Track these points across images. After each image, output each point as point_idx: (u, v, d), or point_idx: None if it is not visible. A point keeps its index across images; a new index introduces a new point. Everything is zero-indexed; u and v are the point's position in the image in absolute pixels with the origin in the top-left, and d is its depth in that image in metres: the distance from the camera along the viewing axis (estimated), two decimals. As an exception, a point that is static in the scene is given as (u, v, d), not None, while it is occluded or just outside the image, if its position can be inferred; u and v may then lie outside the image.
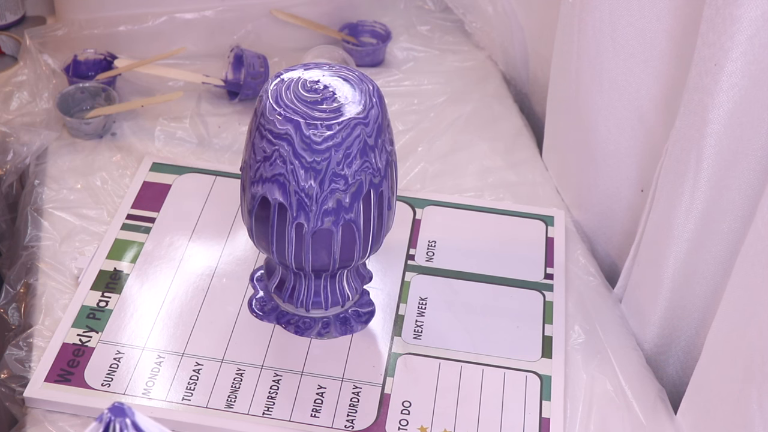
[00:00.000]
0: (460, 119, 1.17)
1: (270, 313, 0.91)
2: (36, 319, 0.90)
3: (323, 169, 0.79)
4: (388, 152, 0.83)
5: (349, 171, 0.80)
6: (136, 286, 0.93)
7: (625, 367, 0.89)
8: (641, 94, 0.90)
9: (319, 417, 0.83)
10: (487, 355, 0.89)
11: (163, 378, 0.85)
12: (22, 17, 1.28)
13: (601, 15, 0.91)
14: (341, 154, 0.79)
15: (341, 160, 0.79)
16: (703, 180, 0.80)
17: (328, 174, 0.79)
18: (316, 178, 0.79)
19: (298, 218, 0.81)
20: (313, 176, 0.79)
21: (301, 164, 0.79)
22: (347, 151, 0.79)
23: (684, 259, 0.85)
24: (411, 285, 0.95)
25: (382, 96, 0.82)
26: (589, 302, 0.95)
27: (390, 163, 0.83)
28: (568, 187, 1.08)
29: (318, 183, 0.79)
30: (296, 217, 0.81)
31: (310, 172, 0.79)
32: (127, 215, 1.00)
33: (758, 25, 0.70)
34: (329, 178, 0.79)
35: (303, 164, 0.79)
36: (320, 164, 0.79)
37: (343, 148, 0.79)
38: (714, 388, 0.79)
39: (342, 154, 0.79)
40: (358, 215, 0.82)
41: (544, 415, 0.84)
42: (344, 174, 0.80)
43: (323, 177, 0.79)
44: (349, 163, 0.79)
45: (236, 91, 1.16)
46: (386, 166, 0.83)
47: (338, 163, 0.79)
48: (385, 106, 0.82)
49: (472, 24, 1.27)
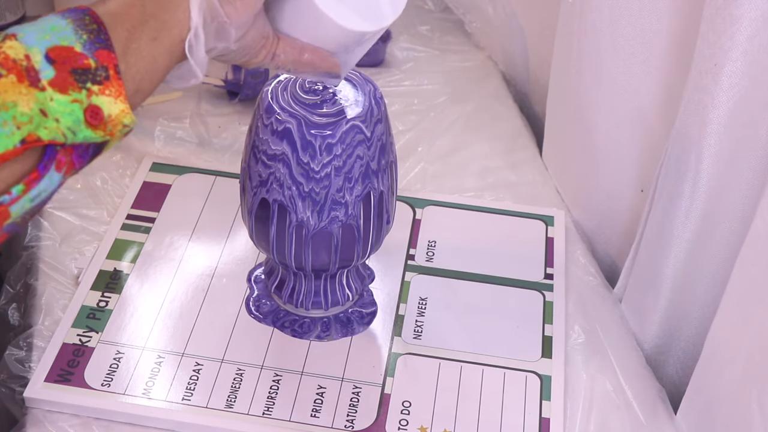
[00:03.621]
0: (460, 119, 1.17)
1: (268, 314, 0.91)
2: (36, 319, 0.90)
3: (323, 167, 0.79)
4: (387, 152, 0.83)
5: (350, 172, 0.80)
6: (136, 286, 0.93)
7: (625, 367, 0.89)
8: (641, 94, 0.90)
9: (319, 417, 0.83)
10: (487, 355, 0.89)
11: (163, 378, 0.85)
12: (22, 17, 1.28)
13: (601, 15, 0.91)
14: (341, 154, 0.79)
15: (341, 161, 0.79)
16: (703, 180, 0.80)
17: (328, 175, 0.79)
18: (317, 180, 0.79)
19: (298, 219, 0.81)
20: (313, 177, 0.79)
21: (301, 163, 0.79)
22: (347, 151, 0.79)
23: (684, 259, 0.85)
24: (411, 285, 0.95)
25: (382, 97, 0.82)
26: (589, 302, 0.95)
27: (390, 164, 0.83)
28: (568, 187, 1.08)
29: (318, 185, 0.79)
30: (296, 217, 0.81)
31: (310, 171, 0.79)
32: (127, 215, 1.00)
33: (758, 25, 0.70)
34: (329, 179, 0.79)
35: (303, 166, 0.79)
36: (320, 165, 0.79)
37: (344, 148, 0.79)
38: (714, 388, 0.79)
39: (342, 154, 0.79)
40: (359, 216, 0.82)
41: (544, 415, 0.84)
42: (344, 175, 0.80)
43: (323, 179, 0.79)
44: (349, 164, 0.79)
45: (236, 91, 1.16)
46: (386, 166, 0.83)
47: (338, 165, 0.79)
48: (385, 107, 0.82)
49: (472, 24, 1.27)
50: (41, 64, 0.57)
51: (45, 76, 0.57)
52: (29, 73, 0.56)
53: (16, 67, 0.56)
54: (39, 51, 0.57)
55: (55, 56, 0.57)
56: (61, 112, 0.57)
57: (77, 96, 0.57)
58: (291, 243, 0.83)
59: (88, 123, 0.58)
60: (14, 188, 0.57)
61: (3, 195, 0.57)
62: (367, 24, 0.70)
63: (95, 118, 0.58)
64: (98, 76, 0.58)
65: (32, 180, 0.58)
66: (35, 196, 0.59)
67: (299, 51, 0.71)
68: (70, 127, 0.58)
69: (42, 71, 0.57)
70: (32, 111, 0.56)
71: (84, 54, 0.58)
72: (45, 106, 0.57)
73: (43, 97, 0.57)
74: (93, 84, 0.58)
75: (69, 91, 0.57)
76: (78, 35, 0.58)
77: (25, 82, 0.56)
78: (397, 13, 0.72)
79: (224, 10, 0.64)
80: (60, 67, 0.57)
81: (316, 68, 0.73)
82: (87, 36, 0.58)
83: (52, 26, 0.58)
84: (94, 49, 0.58)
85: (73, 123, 0.58)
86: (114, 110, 0.59)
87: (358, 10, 0.70)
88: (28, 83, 0.56)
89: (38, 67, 0.57)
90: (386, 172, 0.83)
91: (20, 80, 0.56)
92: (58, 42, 0.58)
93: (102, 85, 0.58)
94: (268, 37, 0.69)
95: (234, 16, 0.64)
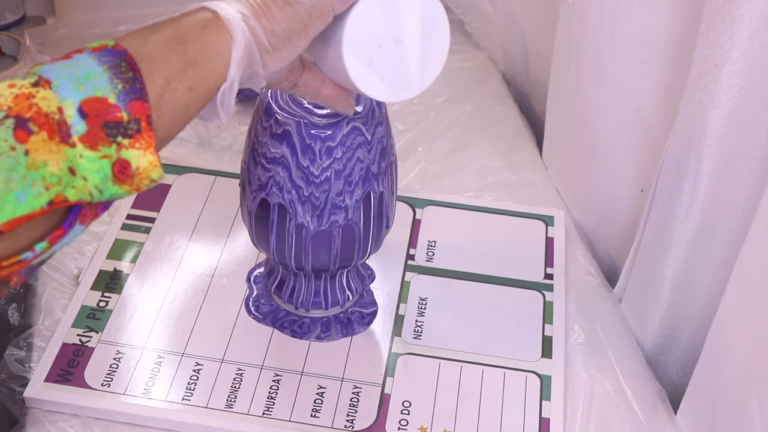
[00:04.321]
0: (460, 119, 1.17)
1: (267, 315, 0.91)
2: (36, 319, 0.90)
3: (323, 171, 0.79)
4: (387, 153, 0.82)
5: (350, 175, 0.80)
6: (136, 286, 0.93)
7: (625, 367, 0.89)
8: (641, 94, 0.90)
9: (319, 417, 0.83)
10: (487, 355, 0.89)
11: (163, 378, 0.85)
12: (22, 17, 1.28)
13: (601, 15, 0.91)
14: (341, 157, 0.79)
15: (341, 164, 0.79)
16: (703, 180, 0.80)
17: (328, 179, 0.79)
18: (317, 184, 0.79)
19: (298, 220, 0.81)
20: (313, 181, 0.79)
21: (301, 167, 0.79)
22: (347, 154, 0.79)
23: (684, 259, 0.85)
24: (411, 285, 0.95)
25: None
26: (589, 302, 0.95)
27: (390, 164, 0.83)
28: (568, 187, 1.08)
29: (318, 188, 0.79)
30: (296, 218, 0.81)
31: (310, 174, 0.79)
32: (127, 215, 1.00)
33: (758, 25, 0.70)
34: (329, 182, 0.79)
35: (303, 170, 0.79)
36: (320, 168, 0.79)
37: (344, 150, 0.79)
38: (714, 388, 0.79)
39: (342, 157, 0.79)
40: (359, 217, 0.82)
41: (544, 415, 0.84)
42: (344, 178, 0.79)
43: (323, 182, 0.79)
44: (349, 167, 0.79)
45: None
46: (386, 166, 0.83)
47: (338, 168, 0.79)
48: (385, 108, 0.81)
49: (472, 24, 1.27)
50: (74, 119, 0.54)
51: (76, 131, 0.55)
52: (61, 128, 0.54)
53: (48, 122, 0.54)
54: (72, 104, 0.55)
55: (88, 109, 0.55)
56: (90, 170, 0.55)
57: (107, 151, 0.55)
58: (291, 243, 0.83)
59: (116, 178, 0.56)
60: (38, 245, 0.56)
61: (26, 252, 0.55)
62: (390, 93, 0.70)
63: (123, 173, 0.56)
64: (130, 130, 0.56)
65: (56, 237, 0.56)
66: (57, 249, 0.57)
67: (320, 85, 0.71)
68: (98, 185, 0.56)
69: (74, 126, 0.54)
70: (61, 171, 0.54)
71: (117, 106, 0.56)
72: (74, 164, 0.55)
73: (73, 153, 0.54)
74: (124, 138, 0.56)
75: (99, 147, 0.55)
76: (113, 85, 0.56)
77: (56, 138, 0.54)
78: (424, 84, 0.71)
79: (262, 60, 0.63)
80: (92, 121, 0.55)
81: (332, 105, 0.73)
82: (122, 86, 0.56)
83: (87, 74, 0.56)
84: (128, 100, 0.56)
85: (101, 181, 0.56)
86: (143, 163, 0.56)
87: (386, 77, 0.69)
88: (59, 140, 0.54)
89: (70, 122, 0.54)
90: (386, 174, 0.83)
91: (51, 137, 0.54)
92: (93, 93, 0.55)
93: (133, 138, 0.56)
94: (294, 70, 0.69)
95: (270, 67, 0.64)
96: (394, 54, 0.68)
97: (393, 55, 0.68)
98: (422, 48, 0.69)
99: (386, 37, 0.68)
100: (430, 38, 0.69)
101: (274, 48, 0.63)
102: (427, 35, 0.69)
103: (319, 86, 0.71)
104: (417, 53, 0.69)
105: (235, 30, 0.61)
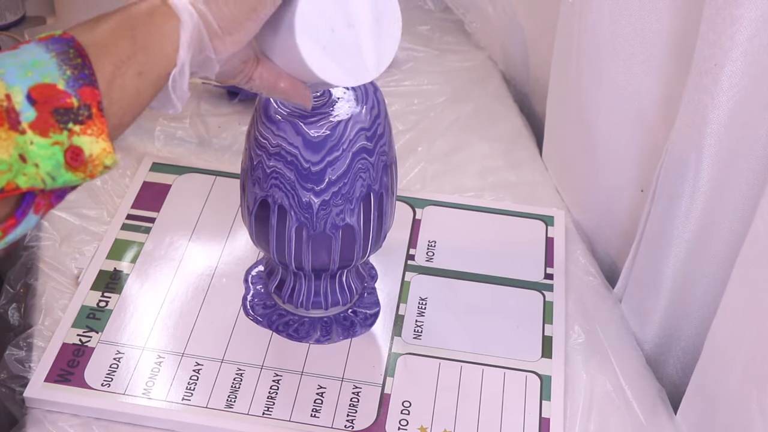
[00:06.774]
0: (460, 119, 1.17)
1: (265, 316, 0.91)
2: (36, 319, 0.90)
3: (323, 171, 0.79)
4: (387, 153, 0.82)
5: (349, 172, 0.80)
6: (136, 286, 0.93)
7: (625, 367, 0.89)
8: (641, 94, 0.90)
9: (319, 417, 0.83)
10: (487, 355, 0.89)
11: (163, 378, 0.85)
12: (22, 17, 1.28)
13: (601, 15, 0.91)
14: (341, 156, 0.79)
15: (341, 163, 0.79)
16: (703, 180, 0.80)
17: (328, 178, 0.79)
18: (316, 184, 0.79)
19: (298, 220, 0.81)
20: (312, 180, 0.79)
21: (301, 167, 0.79)
22: (347, 153, 0.79)
23: (684, 259, 0.85)
24: (411, 285, 0.95)
25: (383, 96, 0.82)
26: (589, 302, 0.95)
27: (390, 164, 0.83)
28: (568, 187, 1.08)
29: (317, 187, 0.79)
30: (296, 219, 0.81)
31: (310, 175, 0.79)
32: (127, 215, 1.00)
33: (758, 25, 0.70)
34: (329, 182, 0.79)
35: (302, 169, 0.79)
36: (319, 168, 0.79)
37: (344, 150, 0.79)
38: (714, 388, 0.79)
39: (342, 156, 0.79)
40: (358, 217, 0.82)
41: (544, 415, 0.84)
42: (344, 177, 0.79)
43: (323, 181, 0.79)
44: (349, 167, 0.79)
45: (236, 91, 1.16)
46: (386, 167, 0.83)
47: (338, 167, 0.79)
48: (385, 107, 0.82)
49: (472, 24, 1.27)
50: (22, 105, 0.54)
51: (26, 118, 0.54)
52: (10, 115, 0.54)
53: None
54: (20, 90, 0.54)
55: (36, 96, 0.54)
56: (41, 156, 0.55)
57: (58, 138, 0.55)
58: (291, 243, 0.83)
59: (69, 165, 0.56)
60: None
61: None
62: (347, 78, 0.71)
63: (76, 160, 0.56)
64: (80, 116, 0.55)
65: (9, 227, 0.56)
66: (11, 239, 0.57)
67: (275, 78, 0.71)
68: (50, 172, 0.55)
69: (23, 113, 0.54)
70: (11, 158, 0.54)
71: (67, 92, 0.55)
72: (25, 151, 0.54)
73: (23, 140, 0.54)
74: (75, 124, 0.55)
75: (50, 134, 0.55)
76: (62, 71, 0.55)
77: (5, 125, 0.53)
78: (380, 69, 0.72)
79: (212, 45, 0.62)
80: (41, 108, 0.54)
81: (289, 98, 0.73)
82: (71, 72, 0.56)
83: (34, 61, 0.55)
84: (77, 86, 0.56)
85: (53, 167, 0.55)
86: (96, 149, 0.56)
87: (342, 61, 0.69)
88: (8, 126, 0.53)
89: (19, 108, 0.54)
90: (386, 173, 0.83)
91: (0, 124, 0.53)
92: (41, 79, 0.55)
93: (84, 125, 0.55)
94: (248, 61, 0.69)
95: (221, 51, 0.63)
96: (347, 38, 0.69)
97: (346, 39, 0.69)
98: (375, 32, 0.70)
99: (338, 22, 0.68)
100: (381, 23, 0.70)
101: (224, 31, 0.63)
102: (378, 20, 0.70)
103: (275, 79, 0.71)
104: (370, 38, 0.70)
105: (183, 13, 0.61)
